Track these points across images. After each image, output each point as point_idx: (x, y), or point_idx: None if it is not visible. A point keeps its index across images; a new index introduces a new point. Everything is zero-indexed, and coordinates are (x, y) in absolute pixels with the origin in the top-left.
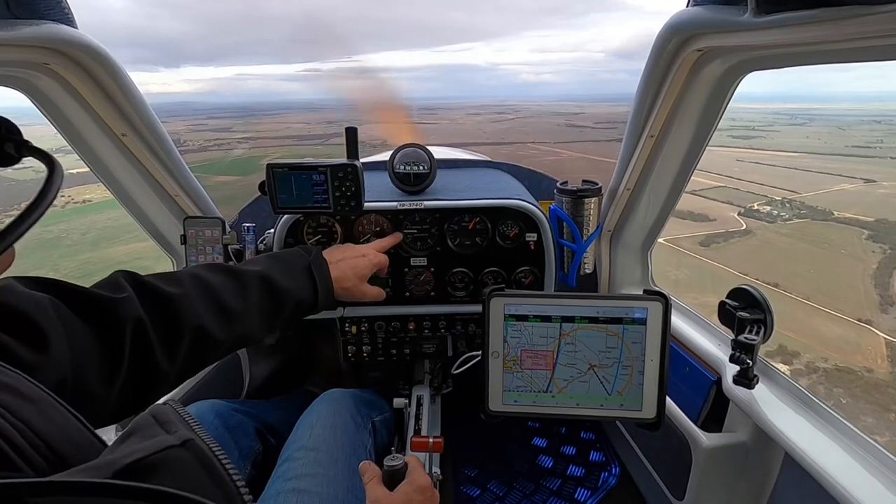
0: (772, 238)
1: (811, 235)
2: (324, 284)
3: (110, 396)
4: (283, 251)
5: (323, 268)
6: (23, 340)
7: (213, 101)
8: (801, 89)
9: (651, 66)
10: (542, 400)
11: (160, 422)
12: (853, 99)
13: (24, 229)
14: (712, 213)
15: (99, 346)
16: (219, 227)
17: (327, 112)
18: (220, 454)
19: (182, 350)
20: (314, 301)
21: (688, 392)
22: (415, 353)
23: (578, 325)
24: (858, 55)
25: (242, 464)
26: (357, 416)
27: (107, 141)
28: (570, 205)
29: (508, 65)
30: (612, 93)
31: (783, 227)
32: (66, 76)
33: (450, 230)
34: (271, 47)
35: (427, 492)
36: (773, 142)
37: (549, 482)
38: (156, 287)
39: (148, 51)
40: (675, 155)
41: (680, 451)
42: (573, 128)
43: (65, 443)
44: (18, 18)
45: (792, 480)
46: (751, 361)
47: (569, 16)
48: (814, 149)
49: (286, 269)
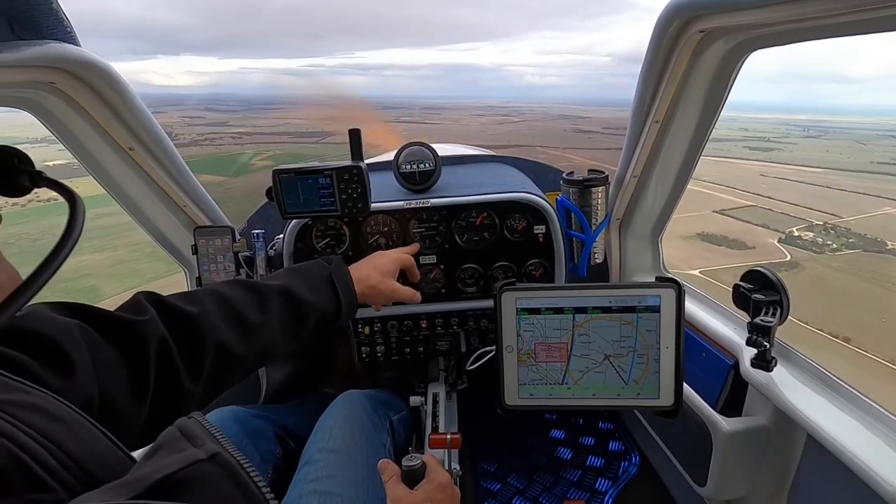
0: (824, 274)
1: (870, 271)
2: (346, 293)
3: (139, 417)
4: (304, 264)
5: (344, 275)
6: (49, 366)
7: (213, 93)
8: (807, 100)
9: (653, 50)
10: (558, 392)
11: (187, 435)
12: (861, 112)
13: (52, 272)
14: (749, 239)
15: (126, 369)
16: (228, 236)
17: (328, 108)
18: (248, 466)
19: (205, 368)
20: (338, 310)
21: (705, 377)
22: (428, 350)
23: (591, 316)
24: (860, 27)
25: (264, 468)
26: (374, 416)
27: (115, 156)
28: (577, 195)
29: (513, 66)
30: (617, 97)
31: (833, 259)
32: (71, 94)
33: (457, 227)
34: (275, 41)
35: (448, 489)
36: (793, 155)
37: (568, 473)
38: (177, 307)
39: (145, 41)
40: (682, 139)
41: (700, 438)
42: (581, 133)
43: (96, 462)
44: (22, 39)
45: (815, 462)
46: (768, 344)
47: (579, 17)
48: (838, 164)
49: (307, 281)
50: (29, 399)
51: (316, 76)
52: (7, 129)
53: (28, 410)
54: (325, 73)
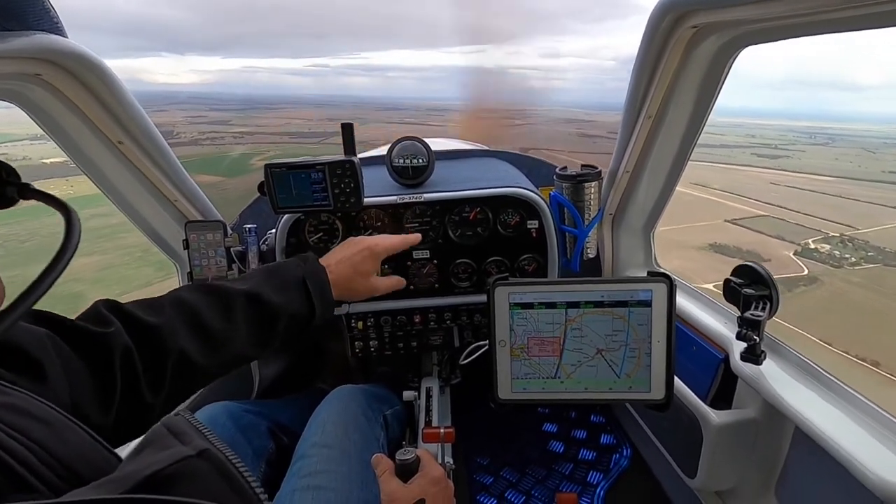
0: (844, 289)
1: (893, 287)
2: (321, 295)
3: (106, 427)
4: (281, 263)
5: (319, 276)
6: (21, 373)
7: (217, 91)
8: (812, 107)
9: (646, 45)
10: (550, 386)
11: (174, 433)
12: (868, 119)
13: (48, 285)
14: (764, 251)
15: (93, 380)
16: (220, 230)
17: (331, 109)
18: (237, 461)
19: (167, 380)
20: (311, 313)
21: (696, 371)
22: (422, 345)
23: (584, 310)
24: (855, 23)
25: (257, 463)
26: (368, 411)
27: (104, 149)
28: (571, 190)
29: (518, 69)
30: (622, 101)
31: (853, 273)
32: (59, 86)
33: (451, 222)
34: (279, 40)
35: (441, 482)
36: (802, 163)
37: (561, 467)
38: (139, 318)
39: (147, 38)
40: (674, 135)
41: (690, 430)
42: (585, 137)
43: (80, 461)
44: (8, 31)
45: (803, 453)
46: (758, 338)
47: (585, 21)
48: (849, 173)
49: (278, 283)
50: (10, 400)
51: (320, 76)
52: (6, 126)
53: (9, 411)
54: (329, 74)
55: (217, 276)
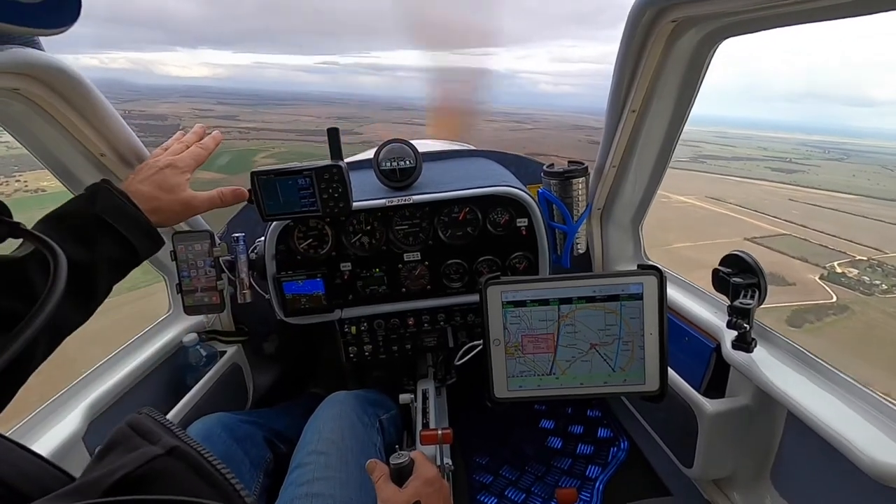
0: (879, 320)
1: None
2: (134, 227)
3: None
4: (62, 208)
5: (121, 209)
6: None
7: (226, 86)
8: (821, 121)
9: (627, 40)
10: (546, 383)
11: (140, 432)
12: (879, 135)
13: (35, 330)
14: (788, 274)
15: None
16: (208, 240)
17: (340, 107)
18: (209, 455)
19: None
20: (132, 248)
21: (689, 361)
22: (416, 347)
23: (576, 306)
24: (833, 12)
25: (255, 473)
26: (364, 417)
27: (86, 163)
28: (558, 187)
29: (528, 73)
30: None
31: (886, 302)
32: (37, 101)
33: (440, 223)
34: (290, 37)
35: (436, 483)
36: (819, 178)
37: (559, 462)
38: None
39: (164, 31)
40: (658, 128)
41: (685, 420)
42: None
43: (20, 478)
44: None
45: (796, 438)
46: (748, 326)
47: (596, 26)
48: (869, 191)
49: (74, 233)
50: None
51: (330, 74)
52: (2, 133)
53: None
54: (339, 72)
55: (206, 287)
